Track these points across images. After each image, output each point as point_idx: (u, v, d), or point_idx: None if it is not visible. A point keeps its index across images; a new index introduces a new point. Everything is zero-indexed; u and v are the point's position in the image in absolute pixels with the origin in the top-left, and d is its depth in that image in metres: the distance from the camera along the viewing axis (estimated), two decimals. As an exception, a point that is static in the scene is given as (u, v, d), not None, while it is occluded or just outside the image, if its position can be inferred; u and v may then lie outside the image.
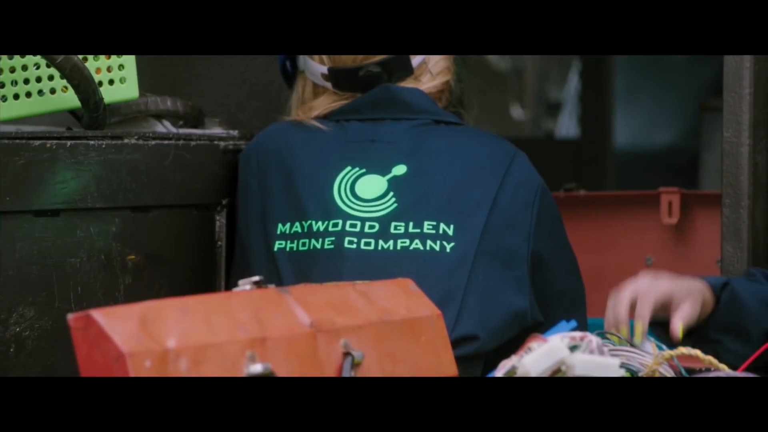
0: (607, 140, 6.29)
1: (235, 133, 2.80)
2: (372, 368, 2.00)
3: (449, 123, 2.64)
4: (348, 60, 2.67)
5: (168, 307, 1.83)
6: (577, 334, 1.95)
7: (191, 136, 2.71)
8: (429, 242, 2.50)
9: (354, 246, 2.50)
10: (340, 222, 2.53)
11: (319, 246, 2.52)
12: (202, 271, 2.71)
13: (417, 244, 2.50)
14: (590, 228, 3.48)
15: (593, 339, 1.94)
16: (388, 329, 2.04)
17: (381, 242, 2.51)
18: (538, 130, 7.19)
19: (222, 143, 2.75)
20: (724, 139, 2.80)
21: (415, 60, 2.67)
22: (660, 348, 2.10)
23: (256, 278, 1.96)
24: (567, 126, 7.04)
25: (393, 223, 2.52)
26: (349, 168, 2.58)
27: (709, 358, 2.05)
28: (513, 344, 2.44)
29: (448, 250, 2.50)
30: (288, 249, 2.54)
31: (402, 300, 2.09)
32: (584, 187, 3.67)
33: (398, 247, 2.50)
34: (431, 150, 2.59)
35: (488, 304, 2.48)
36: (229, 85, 3.19)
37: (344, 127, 2.63)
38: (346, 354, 1.97)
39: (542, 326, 2.51)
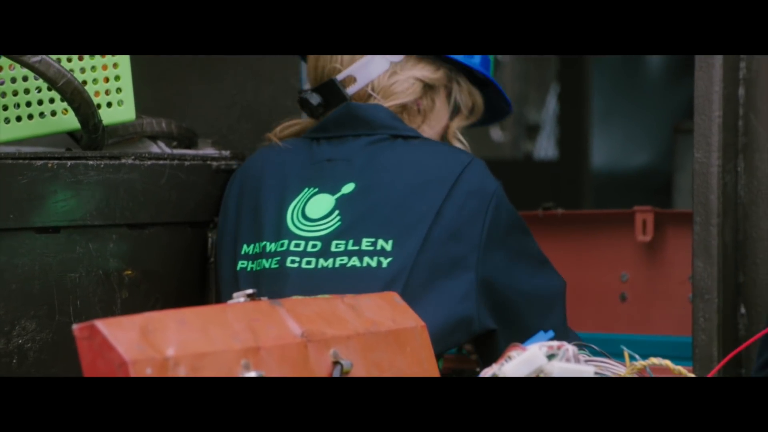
0: (585, 161, 6.30)
1: (226, 153, 2.84)
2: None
3: (408, 137, 2.63)
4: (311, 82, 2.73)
5: (167, 317, 1.88)
6: (555, 343, 2.01)
7: (185, 157, 2.75)
8: (366, 259, 2.51)
9: (296, 265, 2.53)
10: (286, 242, 2.56)
11: (267, 266, 2.56)
12: (194, 286, 2.76)
13: (354, 261, 2.51)
14: (568, 245, 3.49)
15: (569, 348, 2.00)
16: (375, 340, 2.08)
17: (321, 261, 2.52)
18: (517, 152, 7.21)
19: (214, 163, 2.79)
20: (695, 159, 2.82)
21: (353, 87, 2.69)
22: (633, 359, 2.15)
23: (250, 291, 2.01)
24: (545, 148, 7.08)
25: (334, 242, 2.53)
26: (306, 189, 2.61)
27: (679, 368, 2.10)
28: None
29: (384, 265, 2.50)
30: (248, 269, 2.59)
31: (388, 312, 2.14)
32: (562, 207, 3.69)
33: (336, 265, 2.52)
34: (381, 165, 2.59)
35: (424, 314, 2.45)
36: (220, 108, 3.21)
37: (311, 147, 2.66)
38: (336, 363, 2.00)
39: (495, 333, 2.54)
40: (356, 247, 2.52)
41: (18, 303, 2.42)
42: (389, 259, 2.50)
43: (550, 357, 1.98)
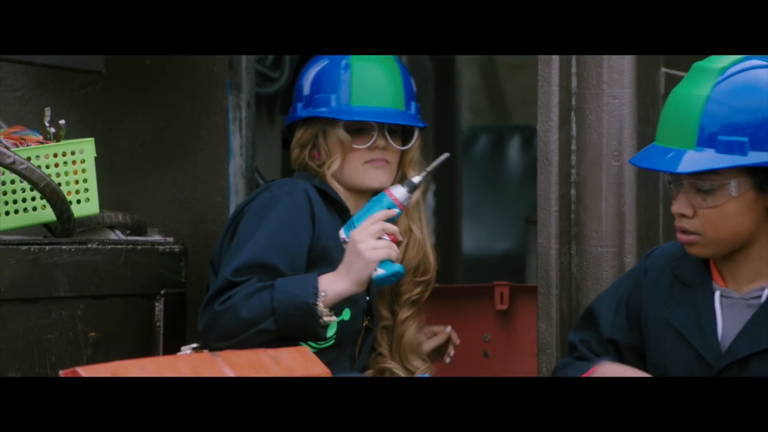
0: (457, 247, 6.34)
1: (170, 239, 2.97)
2: (279, 412, 2.19)
3: None
4: None
5: (131, 365, 2.05)
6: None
7: (137, 242, 2.88)
8: None
9: None
10: None
11: None
12: (145, 345, 2.85)
13: None
14: (443, 313, 3.49)
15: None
16: (291, 383, 2.24)
17: None
18: (402, 239, 7.19)
19: (161, 247, 2.92)
20: (538, 244, 2.96)
21: None
22: None
23: (195, 345, 2.19)
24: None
25: None
26: None
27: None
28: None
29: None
30: None
31: (301, 362, 2.30)
32: (438, 282, 3.80)
33: None
34: None
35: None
36: (164, 203, 3.28)
37: None
38: (260, 401, 2.16)
39: None
40: None
41: (6, 359, 2.53)
42: None
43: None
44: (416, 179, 2.71)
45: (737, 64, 2.40)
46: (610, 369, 2.47)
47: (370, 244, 2.60)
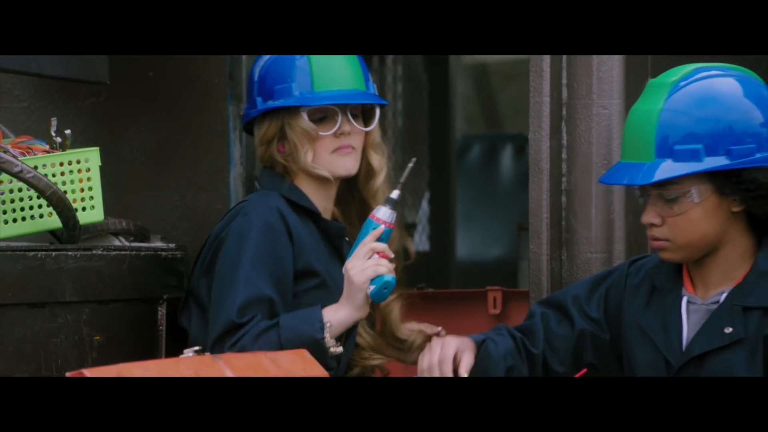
0: (451, 253, 6.39)
1: (172, 245, 2.99)
2: (278, 412, 2.21)
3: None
4: None
5: (135, 367, 2.08)
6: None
7: (141, 248, 2.90)
8: None
9: None
10: None
11: None
12: (147, 349, 2.86)
13: None
14: (437, 316, 3.45)
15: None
16: (290, 384, 2.26)
17: None
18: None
19: (163, 253, 2.94)
20: (530, 250, 2.99)
21: None
22: None
23: (197, 347, 2.21)
24: (420, 242, 7.18)
25: None
26: None
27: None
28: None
29: None
30: None
31: (300, 364, 2.33)
32: (433, 287, 3.83)
33: None
34: None
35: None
36: (166, 210, 3.29)
37: None
38: (261, 402, 2.18)
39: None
40: None
41: (14, 361, 2.55)
42: None
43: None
44: (394, 194, 2.70)
45: (689, 77, 2.46)
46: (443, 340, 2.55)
47: (359, 268, 2.63)
